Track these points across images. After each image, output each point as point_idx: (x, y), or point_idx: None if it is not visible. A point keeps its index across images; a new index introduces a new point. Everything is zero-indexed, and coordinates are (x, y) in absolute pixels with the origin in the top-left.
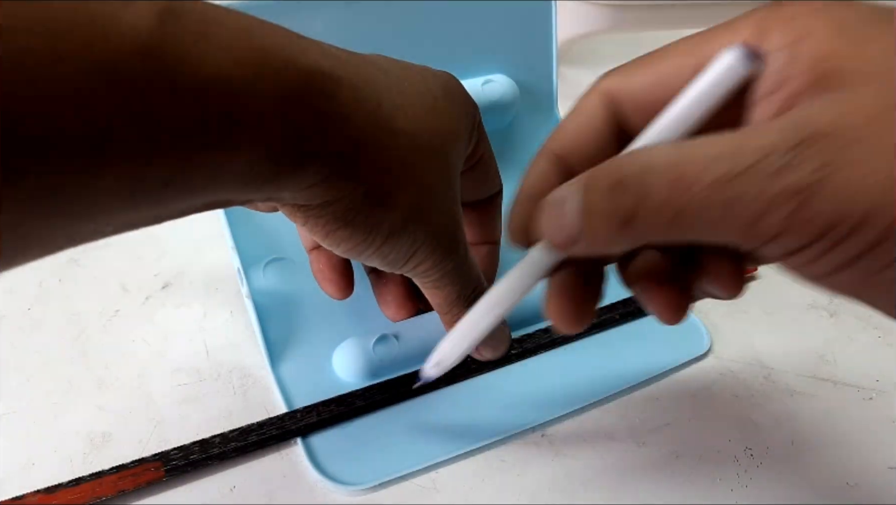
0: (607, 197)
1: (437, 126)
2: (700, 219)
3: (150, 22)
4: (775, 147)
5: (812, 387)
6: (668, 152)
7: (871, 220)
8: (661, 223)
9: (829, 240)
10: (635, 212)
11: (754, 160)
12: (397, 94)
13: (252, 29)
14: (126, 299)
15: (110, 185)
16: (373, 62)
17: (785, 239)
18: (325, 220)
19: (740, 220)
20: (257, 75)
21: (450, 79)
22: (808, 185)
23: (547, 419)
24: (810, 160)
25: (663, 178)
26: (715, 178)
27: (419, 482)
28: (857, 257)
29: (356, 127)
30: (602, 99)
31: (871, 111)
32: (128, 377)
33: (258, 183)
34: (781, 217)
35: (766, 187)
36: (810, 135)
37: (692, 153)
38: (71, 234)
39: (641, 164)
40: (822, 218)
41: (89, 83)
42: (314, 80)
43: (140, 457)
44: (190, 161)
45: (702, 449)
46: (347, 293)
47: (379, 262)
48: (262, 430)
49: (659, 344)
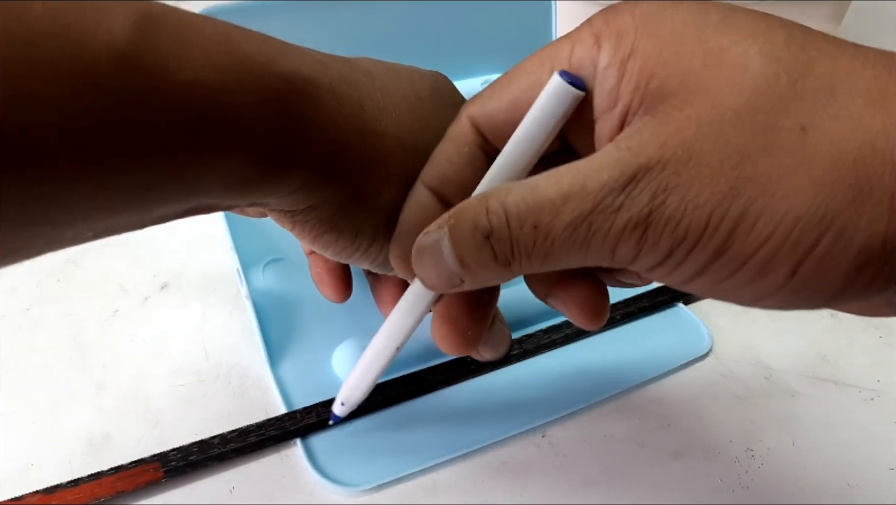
0: (478, 249)
1: (423, 126)
2: (567, 256)
3: (127, 30)
4: (612, 186)
5: (813, 387)
6: (523, 197)
7: (704, 240)
8: (536, 265)
9: (675, 258)
10: (510, 258)
11: (596, 202)
12: (381, 96)
13: (231, 36)
14: (125, 300)
15: (88, 193)
16: (357, 65)
17: (641, 261)
18: (311, 224)
19: (599, 252)
20: (237, 81)
21: (438, 78)
22: (644, 218)
23: (547, 420)
24: (641, 194)
25: (525, 226)
26: (568, 223)
27: (419, 483)
28: (703, 269)
29: (337, 130)
30: (469, 126)
31: (691, 132)
32: (126, 378)
33: (241, 188)
34: (631, 246)
35: (612, 224)
36: (638, 168)
37: (544, 197)
38: (50, 240)
39: (500, 211)
40: (664, 242)
41: (63, 92)
42: (294, 84)
43: (139, 458)
44: (169, 168)
45: (703, 449)
46: (346, 297)
47: (369, 263)
48: (262, 430)
49: (660, 344)
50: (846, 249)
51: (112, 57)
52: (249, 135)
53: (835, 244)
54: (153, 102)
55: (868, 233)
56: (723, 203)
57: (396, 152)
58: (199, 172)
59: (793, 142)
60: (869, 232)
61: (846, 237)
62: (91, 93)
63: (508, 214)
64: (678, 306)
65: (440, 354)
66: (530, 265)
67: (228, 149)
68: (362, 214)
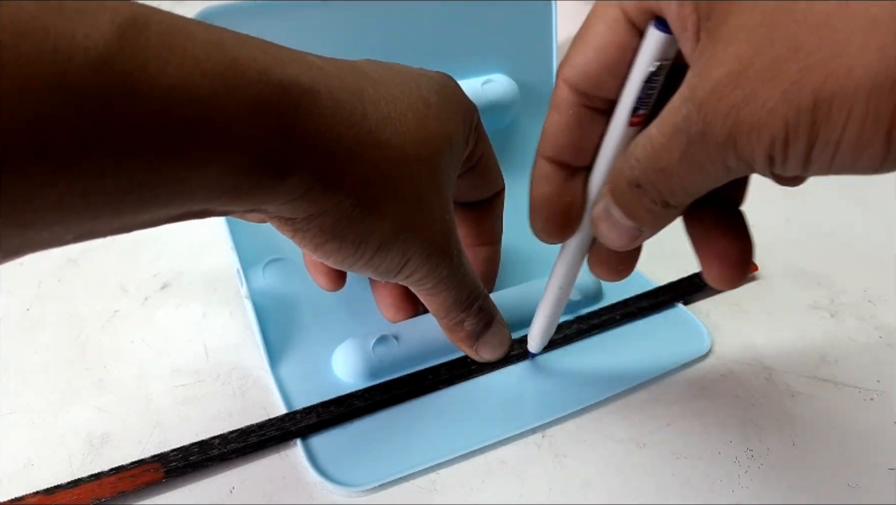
0: (638, 200)
1: (428, 134)
2: (699, 179)
3: (108, 34)
4: (689, 117)
5: (813, 388)
6: (644, 148)
7: (791, 138)
8: (683, 196)
9: (778, 156)
10: (664, 200)
11: (686, 135)
12: (385, 103)
13: (224, 41)
14: (125, 300)
15: (59, 196)
16: (361, 71)
17: (756, 163)
18: (312, 233)
19: (717, 172)
20: (226, 87)
21: (445, 81)
22: (727, 137)
23: (547, 420)
24: (715, 119)
25: (655, 170)
26: (678, 159)
27: (419, 483)
28: (808, 158)
29: (336, 141)
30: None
31: (739, 43)
32: (127, 378)
33: (234, 195)
34: (734, 160)
35: (708, 147)
36: (704, 96)
37: (657, 144)
38: (26, 241)
39: (636, 164)
40: (758, 150)
41: (36, 94)
42: (290, 93)
43: (139, 458)
44: (148, 173)
45: (702, 450)
46: (339, 285)
47: (371, 272)
48: (262, 431)
49: (659, 344)
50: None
51: (89, 60)
52: (239, 143)
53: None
54: (129, 106)
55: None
56: (792, 100)
57: (401, 162)
58: (184, 178)
59: (837, 17)
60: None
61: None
62: (64, 96)
63: (642, 166)
64: (678, 307)
65: (440, 355)
66: (681, 196)
67: (216, 156)
68: (365, 226)
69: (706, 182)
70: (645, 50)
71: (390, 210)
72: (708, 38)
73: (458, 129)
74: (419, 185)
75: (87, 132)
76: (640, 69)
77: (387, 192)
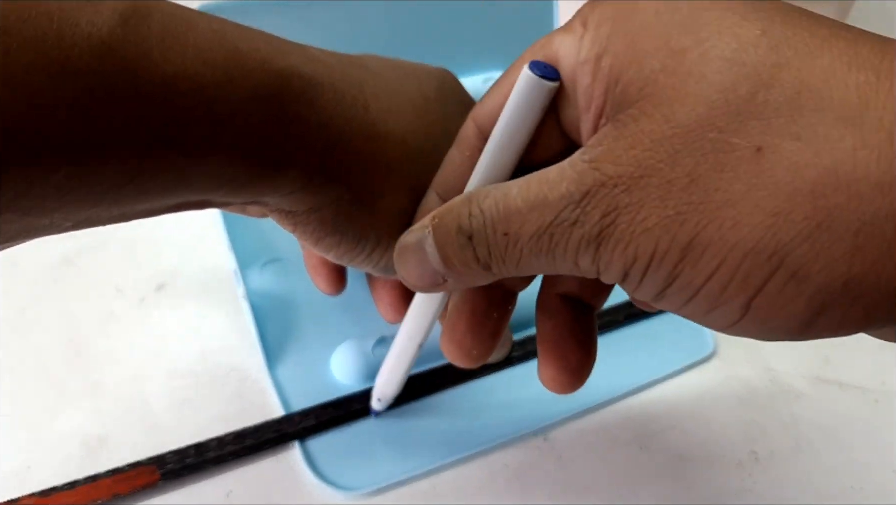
0: (461, 249)
1: (429, 127)
2: (538, 263)
3: (111, 21)
4: (569, 199)
5: (817, 389)
6: (496, 201)
7: (654, 265)
8: (512, 269)
9: (632, 279)
10: (488, 262)
11: (555, 214)
12: (387, 97)
13: (226, 32)
14: (121, 301)
15: (61, 183)
16: (362, 65)
17: (605, 276)
18: (312, 226)
19: (564, 263)
20: (227, 77)
21: (445, 76)
22: (595, 236)
23: (549, 423)
24: (594, 211)
25: (497, 232)
26: (532, 233)
27: (419, 486)
28: (661, 293)
29: (338, 131)
30: (472, 128)
31: (643, 149)
32: (123, 379)
33: (234, 186)
34: (589, 262)
35: (569, 238)
36: (593, 184)
37: (513, 205)
38: (25, 227)
39: (479, 215)
40: (616, 263)
41: (39, 79)
42: (291, 83)
43: (135, 460)
44: (150, 161)
45: (706, 452)
46: (340, 289)
47: (372, 268)
48: (259, 433)
49: (663, 346)
50: (800, 290)
51: (92, 47)
52: (240, 132)
53: (787, 283)
54: (131, 93)
55: (826, 274)
56: (670, 229)
57: (402, 155)
58: (183, 167)
59: (746, 164)
60: (827, 273)
61: (800, 276)
62: (66, 82)
63: (485, 218)
64: None
65: (440, 357)
66: (507, 269)
67: (216, 145)
68: (366, 218)
69: (542, 269)
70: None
71: (392, 203)
72: (612, 129)
73: (457, 123)
74: (420, 179)
75: (89, 119)
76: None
77: (388, 184)
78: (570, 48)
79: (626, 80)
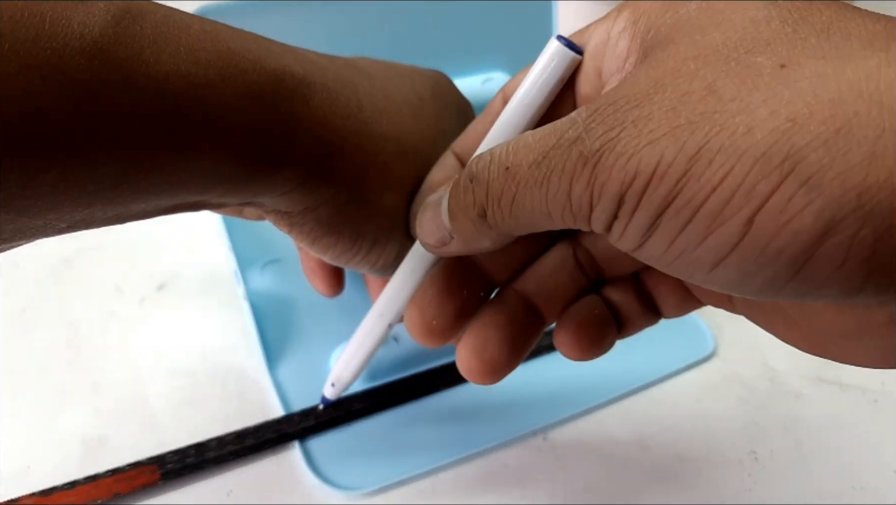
0: (463, 193)
1: (424, 128)
2: (530, 203)
3: (103, 21)
4: (573, 122)
5: (817, 389)
6: (506, 145)
7: (654, 181)
8: (505, 213)
9: (627, 206)
10: (484, 204)
11: (557, 138)
12: (381, 97)
13: (219, 33)
14: (121, 301)
15: (54, 183)
16: (356, 66)
17: (597, 212)
18: (308, 227)
19: (557, 197)
20: (221, 77)
21: (439, 78)
22: (596, 151)
23: (549, 423)
24: (598, 126)
25: (498, 170)
26: (531, 161)
27: (419, 486)
28: (654, 222)
29: (333, 131)
30: (500, 98)
31: (664, 69)
32: (123, 379)
33: (227, 185)
34: (583, 187)
35: (566, 160)
36: (600, 105)
37: (519, 143)
38: (20, 228)
39: (486, 160)
40: (612, 182)
41: (31, 79)
42: (284, 83)
43: (135, 459)
44: (143, 161)
45: (706, 452)
46: (338, 291)
47: (369, 268)
48: (259, 433)
49: (663, 346)
50: (810, 199)
51: (84, 47)
52: (234, 132)
53: (797, 192)
54: (123, 93)
55: (839, 182)
56: (679, 138)
57: (397, 155)
58: (178, 167)
59: (768, 76)
60: (840, 182)
61: (812, 183)
62: (59, 82)
63: (492, 158)
64: None
65: (440, 356)
66: (501, 214)
67: (210, 145)
68: (362, 217)
69: (536, 211)
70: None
71: (387, 202)
72: (637, 62)
73: (452, 123)
74: (415, 178)
75: (80, 118)
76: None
77: (383, 184)
78: (601, 29)
79: (660, 25)
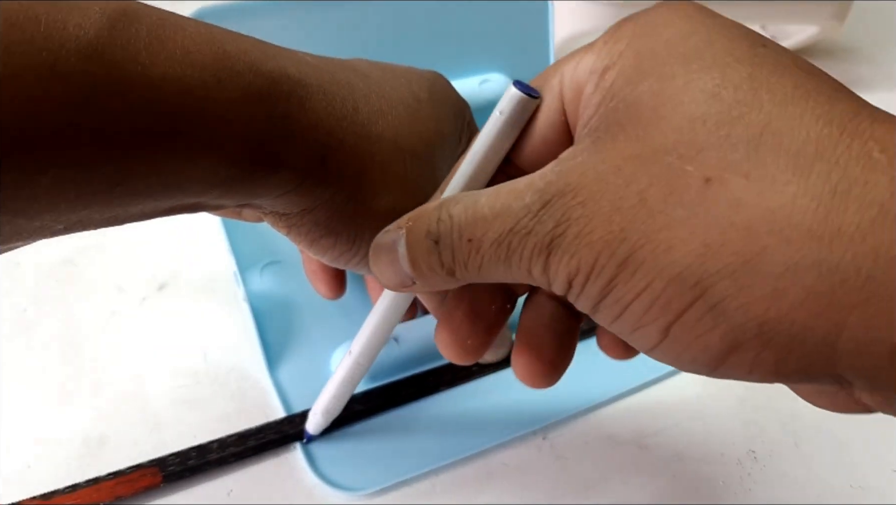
0: (427, 253)
1: (421, 129)
2: (496, 271)
3: (98, 24)
4: (529, 208)
5: None
6: (466, 208)
7: (592, 278)
8: (473, 275)
9: (574, 290)
10: (452, 266)
11: (514, 222)
12: (377, 98)
13: (214, 35)
14: (122, 301)
15: (51, 185)
16: (352, 67)
17: (553, 287)
18: (307, 228)
19: (519, 271)
20: (216, 78)
21: (436, 79)
22: (546, 245)
23: (548, 422)
24: (548, 221)
25: (463, 237)
26: (493, 240)
27: (419, 487)
28: (596, 306)
29: (329, 132)
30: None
31: (609, 165)
32: (124, 380)
33: (224, 187)
34: (540, 271)
35: (524, 246)
36: (553, 195)
37: (480, 212)
38: (17, 230)
39: (448, 220)
40: (561, 273)
41: (27, 81)
42: (280, 84)
43: (136, 461)
44: (139, 163)
45: (705, 452)
46: (340, 293)
47: (367, 270)
48: (261, 434)
49: None
50: (716, 323)
51: (80, 49)
52: (230, 133)
53: (705, 315)
54: (118, 95)
55: (742, 313)
56: (611, 245)
57: (394, 156)
58: (175, 169)
59: (693, 192)
60: (743, 312)
61: (718, 310)
62: (54, 83)
63: (452, 224)
64: None
65: (440, 357)
66: (469, 275)
67: (206, 146)
68: (360, 218)
69: (502, 277)
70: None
71: (385, 204)
72: (590, 143)
73: (449, 124)
74: (413, 179)
75: (76, 120)
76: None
77: (381, 185)
78: (588, 61)
79: (620, 98)
